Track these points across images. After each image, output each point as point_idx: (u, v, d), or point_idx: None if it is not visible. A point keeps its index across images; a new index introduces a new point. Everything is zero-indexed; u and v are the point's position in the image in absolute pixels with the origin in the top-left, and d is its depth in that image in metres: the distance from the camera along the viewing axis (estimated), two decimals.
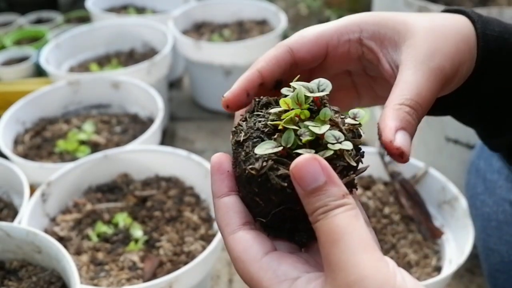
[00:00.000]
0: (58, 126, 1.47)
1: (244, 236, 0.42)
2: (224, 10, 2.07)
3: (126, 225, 1.10)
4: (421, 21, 0.48)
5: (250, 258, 0.41)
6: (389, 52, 0.47)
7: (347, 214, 0.37)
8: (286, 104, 0.43)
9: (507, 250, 0.85)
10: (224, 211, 0.43)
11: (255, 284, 0.40)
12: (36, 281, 0.84)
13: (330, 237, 0.37)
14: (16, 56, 1.93)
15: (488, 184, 0.90)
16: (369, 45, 0.48)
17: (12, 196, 1.17)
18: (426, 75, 0.44)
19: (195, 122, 1.91)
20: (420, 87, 0.43)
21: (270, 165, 0.40)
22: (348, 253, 0.36)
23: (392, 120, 0.42)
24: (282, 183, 0.40)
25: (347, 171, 0.40)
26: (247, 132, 0.43)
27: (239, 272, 0.42)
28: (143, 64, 1.60)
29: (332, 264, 0.36)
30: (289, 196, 0.40)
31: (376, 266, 0.35)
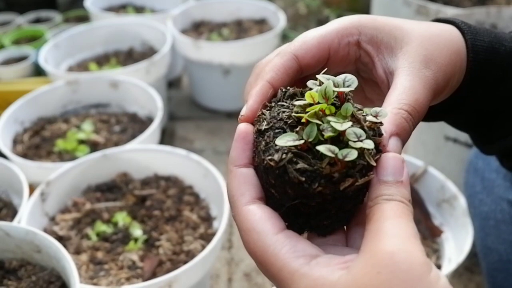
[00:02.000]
0: (57, 125, 1.47)
1: (261, 208, 0.41)
2: (223, 9, 2.07)
3: (126, 224, 1.10)
4: (417, 29, 0.48)
5: (267, 230, 0.40)
6: (385, 58, 0.47)
7: (406, 209, 0.39)
8: (312, 98, 0.42)
9: (505, 248, 0.85)
10: (242, 180, 0.42)
11: (269, 256, 0.39)
12: (35, 280, 0.84)
13: (385, 214, 0.38)
14: (15, 56, 1.93)
15: (486, 183, 0.90)
16: (366, 49, 0.48)
17: (11, 195, 1.17)
18: (423, 83, 0.45)
19: (194, 122, 1.91)
20: (418, 93, 0.44)
21: (290, 157, 0.40)
22: (400, 228, 0.37)
23: (389, 124, 0.42)
24: (300, 177, 0.39)
25: (366, 170, 0.40)
26: (269, 122, 0.42)
27: (250, 245, 0.40)
28: (142, 63, 1.60)
29: (380, 232, 0.37)
30: (306, 191, 0.40)
31: (420, 249, 0.36)
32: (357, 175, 0.39)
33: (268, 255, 0.39)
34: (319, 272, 0.37)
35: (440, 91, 0.47)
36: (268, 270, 0.40)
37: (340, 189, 0.39)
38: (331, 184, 0.39)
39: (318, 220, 0.42)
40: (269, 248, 0.39)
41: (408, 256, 0.35)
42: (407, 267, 0.35)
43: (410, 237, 0.36)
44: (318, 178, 0.39)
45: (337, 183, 0.39)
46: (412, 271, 0.35)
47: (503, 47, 0.50)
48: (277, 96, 0.45)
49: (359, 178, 0.39)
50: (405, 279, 0.34)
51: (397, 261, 0.35)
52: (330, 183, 0.39)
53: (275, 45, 1.87)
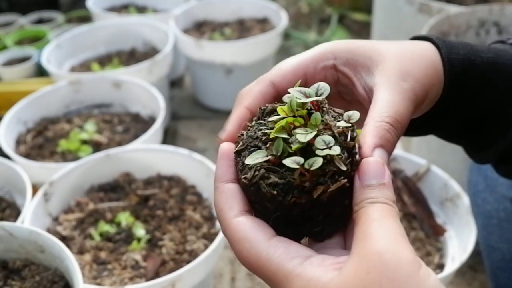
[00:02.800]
0: (60, 125, 1.47)
1: (251, 219, 0.42)
2: (225, 8, 2.07)
3: (129, 224, 1.10)
4: (391, 48, 0.50)
5: (258, 237, 0.41)
6: (363, 77, 0.49)
7: (391, 210, 0.39)
8: (284, 112, 0.43)
9: (509, 247, 0.85)
10: (229, 195, 0.43)
11: (263, 261, 0.40)
12: (39, 280, 0.85)
13: (370, 216, 0.38)
14: (18, 56, 1.93)
15: (489, 181, 0.90)
16: (343, 71, 0.50)
17: (15, 196, 1.18)
18: (402, 95, 0.46)
19: (196, 121, 1.91)
20: (397, 105, 0.45)
21: (262, 174, 0.41)
22: (386, 229, 0.37)
23: (372, 137, 0.43)
24: (272, 191, 0.41)
25: (338, 176, 0.40)
26: (245, 142, 0.44)
27: (243, 254, 0.41)
28: (144, 63, 1.60)
29: (367, 234, 0.37)
30: (281, 203, 0.41)
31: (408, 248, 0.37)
32: (329, 181, 0.40)
33: (262, 260, 0.40)
34: (312, 272, 0.38)
35: (420, 102, 0.48)
36: (264, 276, 0.40)
37: (314, 197, 0.40)
38: (304, 193, 0.40)
39: (307, 228, 0.43)
40: (262, 254, 0.40)
41: (396, 255, 0.36)
42: (395, 266, 0.35)
43: (397, 237, 0.37)
44: (291, 190, 0.40)
45: (309, 192, 0.40)
46: (401, 270, 0.35)
47: (480, 58, 0.52)
48: (257, 114, 0.47)
49: (331, 184, 0.40)
50: (394, 279, 0.35)
51: (385, 261, 0.36)
52: (302, 193, 0.40)
53: (277, 44, 1.87)
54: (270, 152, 0.42)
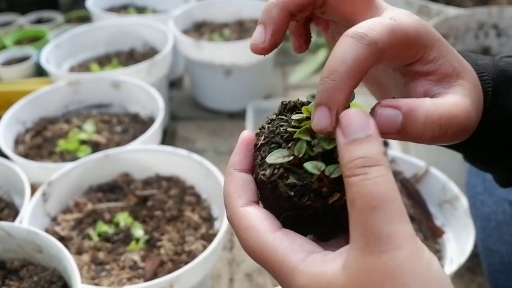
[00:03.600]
0: (58, 125, 1.47)
1: (259, 209, 0.42)
2: (224, 9, 2.07)
3: (127, 225, 1.10)
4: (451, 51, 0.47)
5: (265, 228, 0.40)
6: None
7: (386, 178, 0.36)
8: (308, 112, 0.43)
9: (507, 250, 0.85)
10: (240, 184, 0.42)
11: (269, 253, 0.39)
12: (37, 280, 0.84)
13: (368, 203, 0.36)
14: (17, 56, 1.93)
15: (487, 184, 0.90)
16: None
17: (13, 195, 1.17)
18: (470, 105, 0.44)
19: (195, 122, 1.91)
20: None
21: (281, 173, 0.41)
22: (385, 222, 0.35)
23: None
24: (289, 192, 0.41)
25: None
26: (267, 136, 0.44)
27: (248, 243, 0.40)
28: (144, 63, 1.60)
29: (367, 230, 0.36)
30: (296, 204, 0.41)
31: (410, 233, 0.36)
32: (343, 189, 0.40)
33: (268, 251, 0.40)
34: (316, 267, 0.38)
35: (470, 127, 0.45)
36: (269, 267, 0.40)
37: (329, 203, 0.40)
38: (320, 198, 0.40)
39: (316, 228, 0.43)
40: (268, 245, 0.40)
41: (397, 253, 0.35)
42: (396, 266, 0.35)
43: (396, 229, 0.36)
44: (307, 193, 0.40)
45: (325, 197, 0.40)
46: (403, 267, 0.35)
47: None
48: (278, 109, 0.47)
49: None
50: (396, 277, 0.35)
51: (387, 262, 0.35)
52: (319, 197, 0.40)
53: None
54: (292, 152, 0.41)
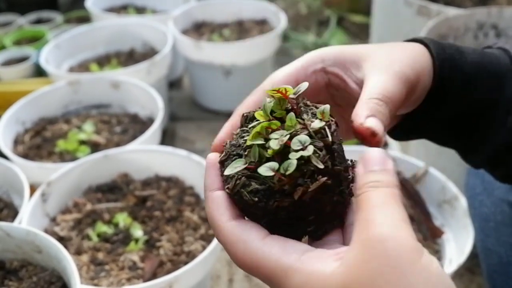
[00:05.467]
0: (58, 126, 1.47)
1: (243, 221, 0.42)
2: (224, 10, 2.07)
3: (126, 225, 1.10)
4: (378, 45, 0.52)
5: (252, 237, 0.40)
6: (353, 73, 0.50)
7: (394, 194, 0.39)
8: (262, 116, 0.43)
9: (505, 251, 0.85)
10: (219, 201, 0.43)
11: (260, 260, 0.39)
12: (36, 281, 0.84)
13: (372, 202, 0.38)
14: (16, 56, 1.93)
15: (486, 184, 0.90)
16: (332, 71, 0.51)
17: (12, 196, 1.17)
18: (391, 77, 0.47)
19: (195, 122, 1.91)
20: (387, 85, 0.46)
21: (243, 182, 0.41)
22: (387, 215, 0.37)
23: (363, 110, 0.44)
24: (253, 198, 0.41)
25: (317, 174, 0.40)
26: (228, 151, 0.44)
27: (238, 256, 0.41)
28: (143, 64, 1.60)
29: (368, 221, 0.37)
30: (265, 208, 0.41)
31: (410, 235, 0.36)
32: (308, 181, 0.40)
33: (258, 259, 0.40)
34: (312, 266, 0.38)
35: (412, 85, 0.48)
36: (261, 275, 0.40)
37: (296, 199, 0.40)
38: (286, 196, 0.40)
39: (301, 228, 0.43)
40: (258, 252, 0.40)
41: (397, 242, 0.35)
42: (396, 253, 0.35)
43: (399, 223, 0.37)
44: (272, 195, 0.40)
45: (290, 195, 0.40)
46: (402, 257, 0.35)
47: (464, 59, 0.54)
48: (240, 122, 0.47)
49: (311, 184, 0.40)
50: (395, 266, 0.35)
51: (387, 248, 0.35)
52: (284, 196, 0.40)
53: (276, 45, 1.87)
54: (249, 159, 0.42)
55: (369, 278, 0.35)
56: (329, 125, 0.42)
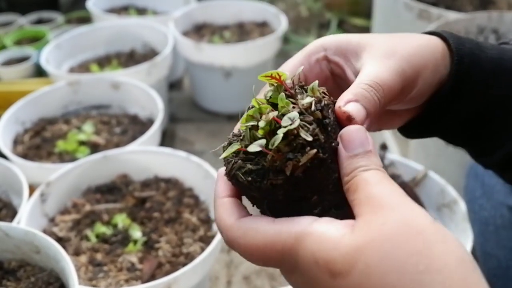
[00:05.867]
0: (57, 126, 1.47)
1: (250, 217, 0.43)
2: (225, 11, 2.07)
3: (125, 226, 1.10)
4: (382, 35, 0.51)
5: (262, 223, 0.40)
6: (352, 63, 0.49)
7: (386, 175, 0.39)
8: (257, 102, 0.44)
9: (505, 255, 0.85)
10: (227, 205, 0.44)
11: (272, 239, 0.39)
12: (34, 281, 0.84)
13: (369, 181, 0.38)
14: (17, 56, 1.93)
15: (486, 188, 0.90)
16: (334, 60, 0.51)
17: (11, 196, 1.17)
18: (385, 67, 0.46)
19: (195, 124, 1.91)
20: (379, 73, 0.46)
21: (238, 165, 0.42)
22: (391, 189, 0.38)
23: (347, 94, 0.44)
24: (247, 178, 0.41)
25: (307, 147, 0.40)
26: (229, 140, 0.45)
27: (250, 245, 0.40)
28: (143, 65, 1.60)
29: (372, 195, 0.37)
30: (261, 188, 0.41)
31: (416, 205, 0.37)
32: (298, 155, 0.40)
33: (270, 237, 0.39)
34: (322, 227, 0.37)
35: (409, 79, 0.48)
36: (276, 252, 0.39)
37: (288, 175, 0.40)
38: (278, 173, 0.40)
39: (306, 210, 0.42)
40: (269, 232, 0.39)
41: (411, 208, 0.36)
42: (411, 216, 0.35)
43: (403, 197, 0.37)
44: (266, 173, 0.40)
45: (283, 171, 0.40)
46: (419, 220, 0.35)
47: (484, 54, 0.52)
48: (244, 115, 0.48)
49: (301, 157, 0.39)
50: (412, 226, 0.35)
51: (401, 212, 0.36)
52: (276, 173, 0.40)
53: (276, 48, 1.87)
54: (243, 142, 0.42)
55: (386, 237, 0.35)
56: (319, 100, 0.42)
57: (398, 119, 0.55)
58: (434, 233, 0.35)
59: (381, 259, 0.34)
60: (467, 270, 0.34)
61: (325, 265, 0.36)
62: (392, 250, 0.34)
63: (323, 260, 0.36)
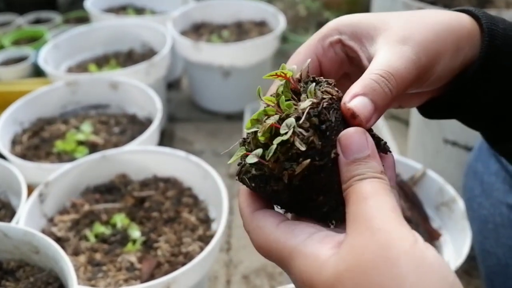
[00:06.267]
0: (56, 126, 1.47)
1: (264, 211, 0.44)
2: (223, 11, 2.07)
3: (124, 226, 1.10)
4: (401, 15, 0.48)
5: (267, 224, 0.42)
6: (367, 48, 0.47)
7: (381, 184, 0.39)
8: (270, 101, 0.43)
9: (504, 253, 0.85)
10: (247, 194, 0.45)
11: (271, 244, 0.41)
12: (33, 281, 0.84)
13: (360, 195, 0.38)
14: (15, 56, 1.93)
15: (485, 186, 0.90)
16: (349, 45, 0.49)
17: (10, 196, 1.17)
18: (399, 54, 0.44)
19: (193, 123, 1.91)
20: (392, 61, 0.44)
21: (246, 169, 0.43)
22: (377, 207, 0.37)
23: (355, 87, 0.42)
24: (252, 184, 0.43)
25: (303, 157, 0.40)
26: (240, 143, 0.45)
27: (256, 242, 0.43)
28: (142, 64, 1.60)
29: (359, 217, 0.37)
30: (265, 192, 0.42)
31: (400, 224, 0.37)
32: (294, 165, 0.40)
33: (271, 242, 0.41)
34: (312, 249, 0.39)
35: (424, 66, 0.45)
36: (274, 257, 0.41)
37: (286, 183, 0.41)
38: (277, 181, 0.41)
39: (314, 208, 0.43)
40: (270, 236, 0.41)
41: (388, 234, 0.36)
42: (388, 244, 0.35)
43: (388, 214, 0.37)
44: (269, 179, 0.41)
45: (281, 179, 0.41)
46: (394, 247, 0.35)
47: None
48: None
49: (296, 167, 0.40)
50: (388, 256, 0.35)
51: (378, 240, 0.36)
52: (276, 180, 0.41)
53: (274, 47, 1.87)
54: (250, 146, 0.43)
55: (361, 268, 0.35)
56: (317, 103, 0.41)
57: (417, 99, 0.53)
58: (409, 262, 0.34)
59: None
60: None
61: (310, 286, 0.38)
62: (367, 283, 0.35)
63: (308, 281, 0.38)
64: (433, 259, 0.35)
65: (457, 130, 1.31)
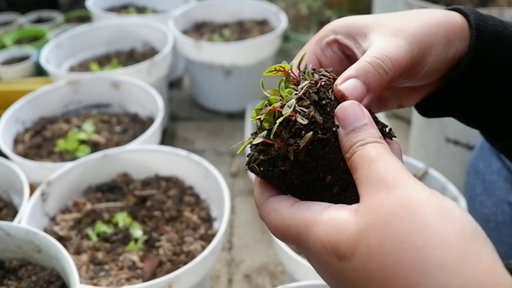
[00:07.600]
0: (58, 125, 1.47)
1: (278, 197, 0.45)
2: (225, 10, 2.07)
3: (126, 225, 1.10)
4: (394, 14, 0.50)
5: (282, 206, 0.43)
6: (361, 45, 0.49)
7: (384, 147, 0.40)
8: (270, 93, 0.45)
9: (506, 251, 0.85)
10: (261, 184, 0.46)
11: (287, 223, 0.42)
12: (35, 280, 0.84)
13: (367, 158, 0.39)
14: (16, 56, 1.93)
15: (487, 185, 0.90)
16: (344, 43, 0.51)
17: (12, 195, 1.17)
18: (393, 43, 0.46)
19: (195, 122, 1.91)
20: (385, 47, 0.45)
21: (254, 157, 0.44)
22: (387, 166, 0.38)
23: (349, 70, 0.44)
24: (260, 168, 0.43)
25: (305, 131, 0.41)
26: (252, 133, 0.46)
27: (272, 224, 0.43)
28: (143, 64, 1.60)
29: (371, 178, 0.38)
30: (274, 175, 0.43)
31: (413, 180, 0.37)
32: (298, 139, 0.41)
33: (286, 221, 0.42)
34: (330, 214, 0.39)
35: (418, 57, 0.47)
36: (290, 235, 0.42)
37: (292, 159, 0.42)
38: (284, 160, 0.42)
39: (324, 190, 0.44)
40: (286, 216, 0.42)
41: (404, 187, 0.36)
42: (405, 195, 0.36)
43: (400, 172, 0.38)
44: (275, 161, 0.43)
45: (287, 157, 0.42)
46: (413, 197, 0.36)
47: (508, 32, 0.51)
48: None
49: (300, 141, 0.41)
50: (407, 205, 0.35)
51: (395, 193, 0.36)
52: (283, 160, 0.42)
53: (276, 46, 1.87)
54: (254, 135, 0.44)
55: (383, 219, 0.36)
56: (315, 83, 0.43)
57: (415, 95, 0.55)
58: (430, 209, 0.35)
59: (381, 241, 0.35)
60: (467, 241, 0.34)
61: (332, 249, 0.38)
62: (390, 232, 0.35)
63: (330, 244, 0.38)
64: (453, 206, 0.36)
65: (458, 129, 1.30)
